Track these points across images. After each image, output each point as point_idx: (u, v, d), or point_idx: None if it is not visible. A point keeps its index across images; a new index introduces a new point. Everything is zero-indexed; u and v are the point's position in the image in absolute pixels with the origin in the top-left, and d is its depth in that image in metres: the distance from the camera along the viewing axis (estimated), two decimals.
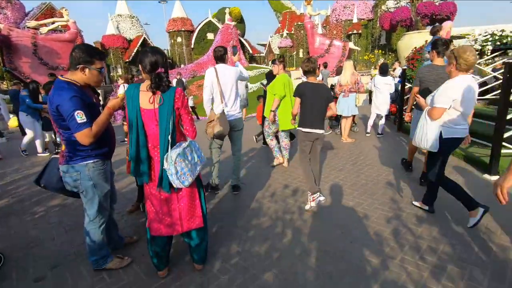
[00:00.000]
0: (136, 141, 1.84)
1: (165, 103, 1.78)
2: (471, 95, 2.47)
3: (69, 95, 1.72)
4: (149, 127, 1.84)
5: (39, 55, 16.43)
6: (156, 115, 1.80)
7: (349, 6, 23.78)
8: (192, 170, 1.85)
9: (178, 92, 1.82)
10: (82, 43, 1.70)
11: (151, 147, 1.88)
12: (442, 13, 16.06)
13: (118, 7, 28.12)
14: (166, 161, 1.77)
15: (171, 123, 1.80)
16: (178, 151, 1.78)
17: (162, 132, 1.79)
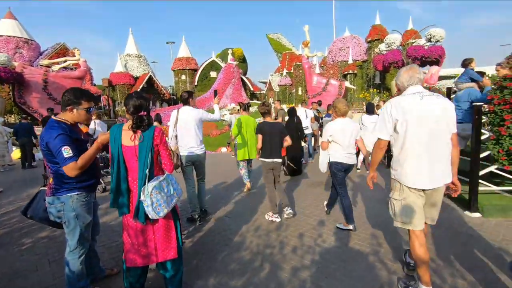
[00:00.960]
0: (117, 175, 2.02)
1: (144, 140, 1.99)
2: (345, 132, 3.49)
3: (57, 133, 1.94)
4: (129, 163, 2.02)
5: (48, 91, 17.26)
6: (136, 152, 1.99)
7: (344, 49, 25.22)
8: (168, 202, 2.00)
9: (157, 130, 2.04)
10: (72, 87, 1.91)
11: (131, 180, 2.05)
12: (431, 56, 16.98)
13: (128, 46, 29.99)
14: (142, 193, 1.93)
15: (150, 158, 1.99)
16: (154, 184, 1.94)
17: (141, 167, 1.98)
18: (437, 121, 2.06)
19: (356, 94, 23.74)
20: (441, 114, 2.07)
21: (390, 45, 18.34)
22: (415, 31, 20.84)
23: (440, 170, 2.11)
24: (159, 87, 29.47)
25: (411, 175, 2.12)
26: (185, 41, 31.26)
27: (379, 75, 23.28)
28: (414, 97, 2.11)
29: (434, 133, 2.07)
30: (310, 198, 4.95)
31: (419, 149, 2.09)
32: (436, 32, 16.63)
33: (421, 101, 2.08)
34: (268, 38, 38.00)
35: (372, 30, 24.19)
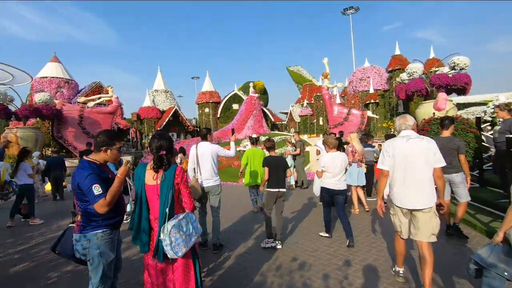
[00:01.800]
0: (139, 213, 2.08)
1: (166, 179, 2.06)
2: (335, 164, 4.34)
3: (87, 173, 2.07)
4: (151, 201, 2.09)
5: (83, 125, 18.55)
6: (157, 190, 2.06)
7: (365, 79, 25.34)
8: (187, 241, 2.01)
9: (178, 169, 2.12)
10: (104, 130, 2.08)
11: (153, 219, 2.10)
12: (456, 84, 16.55)
13: (156, 82, 32.10)
14: (162, 232, 1.96)
15: (170, 197, 2.05)
16: (174, 223, 1.98)
17: (162, 205, 2.03)
18: (417, 158, 2.74)
19: (379, 123, 23.34)
20: (420, 153, 2.74)
21: (412, 74, 18.15)
22: (437, 60, 20.66)
23: (420, 196, 2.72)
24: (184, 120, 30.76)
25: (397, 197, 2.86)
26: (209, 76, 32.99)
27: (402, 104, 22.88)
28: (402, 139, 2.85)
29: (414, 167, 2.75)
30: (334, 235, 4.74)
31: (402, 178, 2.79)
32: (459, 60, 16.31)
33: (406, 142, 2.81)
34: (288, 71, 39.21)
35: (392, 60, 24.31)
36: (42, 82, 22.78)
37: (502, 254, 2.09)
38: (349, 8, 34.46)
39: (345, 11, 34.91)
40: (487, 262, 2.12)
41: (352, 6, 34.21)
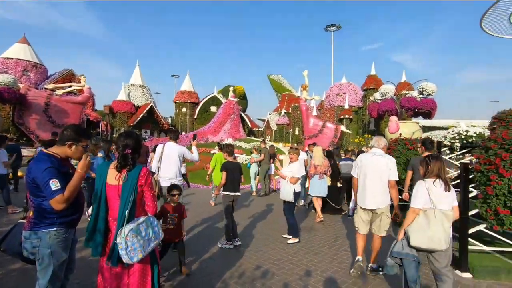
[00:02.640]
0: (96, 213, 1.99)
1: (128, 180, 1.99)
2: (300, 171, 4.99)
3: (45, 166, 1.94)
4: (111, 202, 2.00)
5: (48, 114, 17.42)
6: (119, 191, 1.98)
7: (341, 94, 26.29)
8: (144, 246, 1.94)
9: (143, 171, 2.05)
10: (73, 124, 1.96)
11: (111, 220, 2.01)
12: (423, 107, 17.69)
13: (134, 77, 31.05)
14: (119, 235, 1.88)
15: (131, 199, 1.98)
16: (132, 226, 1.90)
17: (121, 207, 1.95)
18: (376, 171, 3.59)
19: (351, 138, 24.23)
20: (378, 167, 3.59)
21: (385, 94, 19.16)
22: (408, 83, 21.97)
23: (375, 200, 3.57)
24: (159, 117, 29.94)
25: (359, 198, 3.72)
26: (189, 75, 32.52)
27: (374, 122, 23.96)
28: (370, 155, 3.73)
29: (371, 177, 3.60)
30: (299, 244, 4.81)
31: (363, 185, 3.67)
32: (428, 86, 17.50)
33: (371, 158, 3.68)
34: (269, 79, 39.69)
35: (367, 79, 25.46)
36: (6, 63, 21.19)
37: (407, 246, 2.69)
38: (331, 25, 35.77)
39: (328, 28, 36.19)
40: (403, 253, 2.69)
41: (335, 23, 35.59)
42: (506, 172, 3.30)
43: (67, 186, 1.99)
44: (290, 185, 4.79)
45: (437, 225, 2.55)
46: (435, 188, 2.62)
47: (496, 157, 3.42)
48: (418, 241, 2.59)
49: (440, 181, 2.65)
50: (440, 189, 2.62)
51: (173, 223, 3.48)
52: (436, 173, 2.68)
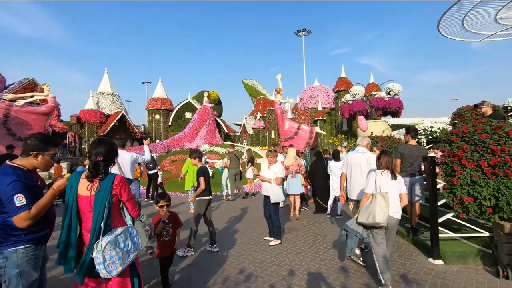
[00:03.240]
0: (68, 227, 1.87)
1: (101, 190, 1.89)
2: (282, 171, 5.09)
3: (10, 180, 1.79)
4: (84, 214, 1.90)
5: (8, 126, 16.12)
6: (91, 202, 1.89)
7: (314, 97, 26.95)
8: (124, 259, 1.86)
9: (117, 179, 1.96)
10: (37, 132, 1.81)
11: (84, 233, 1.90)
12: (391, 107, 18.62)
13: (102, 85, 29.78)
14: (95, 249, 1.78)
15: (106, 210, 1.88)
16: (109, 239, 1.80)
17: (95, 219, 1.85)
18: (357, 165, 4.24)
19: (325, 139, 24.87)
20: (360, 162, 4.22)
21: (355, 96, 19.94)
22: (376, 85, 23.01)
23: (356, 190, 4.21)
24: (131, 126, 28.92)
25: (348, 190, 4.40)
26: (161, 82, 31.82)
27: (346, 122, 24.80)
28: (354, 152, 4.44)
29: (355, 171, 4.27)
30: (280, 245, 4.84)
31: (349, 178, 4.36)
32: (394, 87, 18.47)
33: (354, 154, 4.38)
34: (243, 84, 39.87)
35: (338, 81, 26.36)
36: None
37: (355, 223, 3.36)
38: (302, 30, 36.70)
39: (298, 33, 37.08)
40: (349, 228, 3.41)
41: (305, 28, 36.53)
42: (468, 163, 3.55)
43: (35, 202, 1.85)
44: (277, 186, 4.89)
45: (375, 204, 3.10)
46: (382, 177, 3.27)
47: (458, 149, 3.68)
48: (361, 218, 3.22)
49: (388, 172, 3.27)
50: (387, 178, 3.26)
51: (168, 234, 3.31)
52: (385, 165, 3.28)
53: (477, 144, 3.57)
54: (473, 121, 4.94)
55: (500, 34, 11.70)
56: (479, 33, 12.03)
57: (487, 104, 5.31)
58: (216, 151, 20.94)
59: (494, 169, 3.41)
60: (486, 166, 3.44)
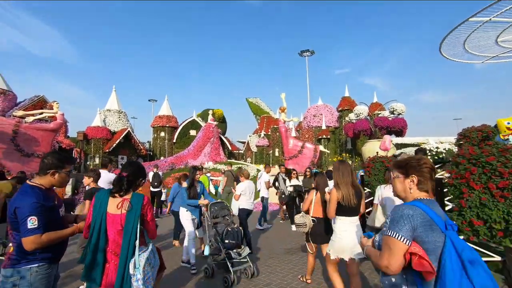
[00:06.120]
0: (95, 245, 1.90)
1: (133, 209, 1.94)
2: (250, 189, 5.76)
3: (29, 201, 1.84)
4: (110, 232, 1.94)
5: (16, 142, 16.43)
6: (122, 221, 1.93)
7: (318, 115, 27.21)
8: (153, 274, 1.90)
9: (145, 200, 2.03)
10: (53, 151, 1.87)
11: (108, 251, 1.93)
12: (395, 126, 18.68)
13: (110, 102, 30.43)
14: (133, 267, 1.79)
15: (137, 229, 1.93)
16: (146, 255, 1.84)
17: (127, 237, 1.88)
18: None
19: (330, 157, 24.84)
20: None
21: (359, 115, 20.09)
22: (380, 104, 23.22)
23: None
24: (136, 143, 29.22)
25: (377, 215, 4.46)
26: (167, 100, 32.43)
27: (350, 141, 24.84)
28: None
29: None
30: (287, 266, 4.76)
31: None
32: (397, 106, 18.61)
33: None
34: (247, 102, 40.44)
35: (342, 101, 26.69)
36: None
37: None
38: (305, 50, 37.62)
39: (302, 53, 38.00)
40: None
41: (308, 49, 37.46)
42: (476, 185, 3.54)
43: (52, 232, 1.88)
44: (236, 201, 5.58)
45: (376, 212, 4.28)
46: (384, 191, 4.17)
47: (466, 171, 3.68)
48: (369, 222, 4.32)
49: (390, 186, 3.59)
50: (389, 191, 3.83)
51: None
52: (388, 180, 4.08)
53: (485, 167, 3.57)
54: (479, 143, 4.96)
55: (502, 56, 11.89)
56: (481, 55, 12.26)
57: (402, 157, 5.57)
58: (220, 168, 20.95)
59: (503, 191, 3.40)
60: (495, 188, 3.43)
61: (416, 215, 1.40)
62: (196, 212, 4.90)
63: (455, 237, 1.35)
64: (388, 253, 1.40)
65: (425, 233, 1.38)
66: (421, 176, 1.54)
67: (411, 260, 1.34)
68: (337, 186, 3.23)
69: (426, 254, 1.34)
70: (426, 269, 1.30)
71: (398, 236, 1.38)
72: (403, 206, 1.46)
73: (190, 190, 4.80)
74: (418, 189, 1.54)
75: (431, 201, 1.51)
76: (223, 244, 4.08)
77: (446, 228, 1.39)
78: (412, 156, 1.70)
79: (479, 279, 1.20)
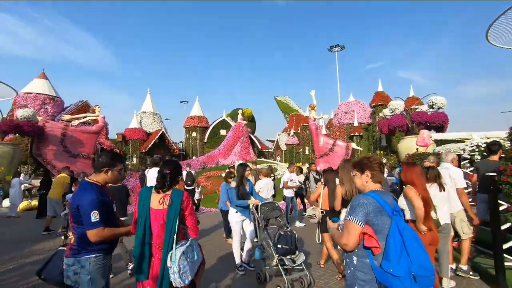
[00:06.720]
0: (142, 239, 2.02)
1: (173, 204, 2.04)
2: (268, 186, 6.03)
3: (90, 197, 2.01)
4: (154, 226, 2.05)
5: (64, 144, 17.93)
6: (164, 215, 2.03)
7: (349, 112, 26.38)
8: (192, 269, 1.96)
9: (185, 195, 2.11)
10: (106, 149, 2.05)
11: (153, 245, 2.04)
12: (435, 121, 17.54)
13: (145, 105, 32.01)
14: (170, 259, 1.90)
15: (177, 223, 2.02)
16: (182, 249, 1.93)
17: (168, 231, 1.99)
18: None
19: (363, 155, 24.01)
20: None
21: (394, 110, 19.15)
22: (417, 98, 21.95)
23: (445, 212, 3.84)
24: (170, 143, 30.46)
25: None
26: (198, 101, 33.36)
27: (385, 138, 23.79)
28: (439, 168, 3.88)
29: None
30: (321, 269, 4.68)
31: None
32: (437, 100, 17.47)
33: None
34: (276, 100, 40.29)
35: (375, 96, 25.60)
36: (26, 98, 22.25)
37: None
38: (335, 46, 36.63)
39: (331, 49, 37.04)
40: None
41: (338, 44, 36.43)
42: None
43: (112, 228, 2.09)
44: None
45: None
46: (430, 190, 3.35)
47: None
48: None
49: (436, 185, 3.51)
50: (435, 191, 3.47)
51: None
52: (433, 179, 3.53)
53: None
54: None
55: None
56: None
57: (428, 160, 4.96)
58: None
59: None
60: None
61: (369, 203, 1.74)
62: (247, 213, 4.55)
63: (399, 220, 1.71)
64: (347, 234, 1.76)
65: (375, 217, 1.71)
66: (373, 170, 1.90)
67: (364, 238, 1.71)
68: (341, 182, 3.82)
69: (375, 234, 1.70)
70: (374, 245, 1.68)
71: (354, 220, 1.74)
72: (360, 196, 1.81)
73: (238, 189, 4.48)
74: (373, 182, 1.90)
75: (383, 192, 1.86)
76: (276, 249, 3.72)
77: (393, 213, 1.72)
78: (364, 156, 2.09)
79: (414, 250, 1.59)
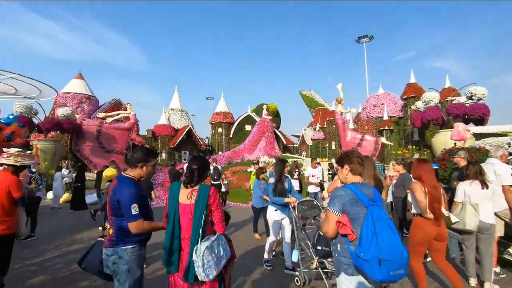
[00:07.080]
0: (172, 232, 2.08)
1: (200, 199, 2.07)
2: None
3: (130, 190, 2.11)
4: (183, 220, 2.09)
5: (100, 140, 19.03)
6: (191, 210, 2.07)
7: (378, 105, 25.33)
8: (217, 264, 1.99)
9: (212, 190, 2.14)
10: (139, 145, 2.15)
11: (183, 238, 2.09)
12: (474, 113, 16.32)
13: (173, 102, 32.98)
14: (195, 253, 1.94)
15: (204, 217, 2.05)
16: (207, 244, 1.96)
17: (195, 225, 2.03)
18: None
19: (393, 150, 22.99)
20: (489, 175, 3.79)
21: (428, 102, 18.08)
22: (453, 89, 20.59)
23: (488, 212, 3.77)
24: (197, 139, 31.21)
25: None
26: (223, 97, 33.75)
27: (418, 132, 22.62)
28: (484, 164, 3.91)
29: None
30: None
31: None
32: (477, 91, 16.23)
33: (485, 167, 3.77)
34: (301, 95, 39.72)
35: (407, 88, 24.33)
36: (65, 97, 23.78)
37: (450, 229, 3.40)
38: (363, 36, 35.21)
39: (359, 40, 35.65)
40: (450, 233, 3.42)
41: (367, 34, 34.95)
42: None
43: (152, 222, 2.21)
44: None
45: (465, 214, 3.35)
46: (470, 188, 3.48)
47: None
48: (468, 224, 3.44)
49: (477, 182, 3.47)
50: (477, 188, 3.46)
51: None
52: (474, 176, 3.49)
53: None
54: None
55: None
56: None
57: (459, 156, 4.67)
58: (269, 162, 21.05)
59: None
60: None
61: (346, 195, 1.96)
62: (286, 211, 4.30)
63: (375, 210, 1.87)
64: (327, 222, 2.01)
65: (351, 207, 1.92)
66: (351, 164, 2.11)
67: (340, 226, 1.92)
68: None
69: (350, 222, 1.92)
70: (348, 232, 1.90)
71: (332, 210, 1.97)
72: (339, 188, 2.03)
73: (276, 186, 4.23)
74: (353, 174, 2.11)
75: (362, 184, 2.06)
76: (315, 251, 3.48)
77: (370, 203, 1.89)
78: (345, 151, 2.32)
79: (384, 238, 1.75)
